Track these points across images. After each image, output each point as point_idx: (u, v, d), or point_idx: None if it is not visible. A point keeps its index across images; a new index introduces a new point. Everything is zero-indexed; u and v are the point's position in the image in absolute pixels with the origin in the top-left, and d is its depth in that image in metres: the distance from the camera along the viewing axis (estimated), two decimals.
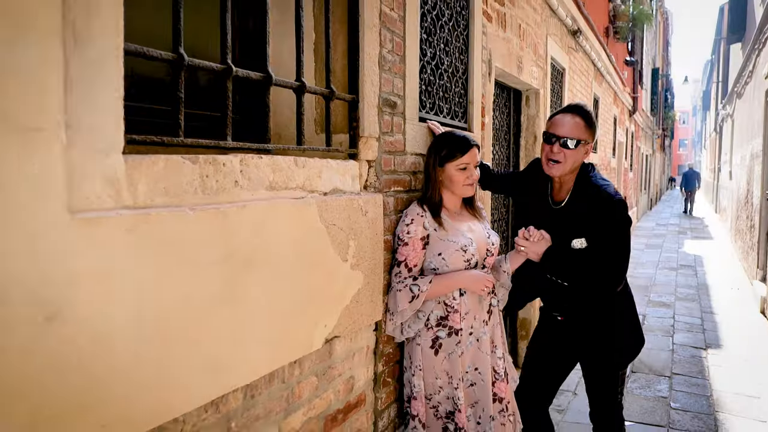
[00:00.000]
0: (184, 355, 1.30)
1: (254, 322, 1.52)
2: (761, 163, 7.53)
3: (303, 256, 1.70)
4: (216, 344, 1.40)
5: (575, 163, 2.28)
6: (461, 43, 2.99)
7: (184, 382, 1.31)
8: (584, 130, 2.27)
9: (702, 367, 4.78)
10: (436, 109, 2.73)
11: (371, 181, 2.12)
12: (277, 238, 1.59)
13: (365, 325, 2.09)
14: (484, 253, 2.32)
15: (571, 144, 2.23)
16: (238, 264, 1.45)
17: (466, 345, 2.26)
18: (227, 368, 1.44)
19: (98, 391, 1.11)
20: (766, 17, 7.18)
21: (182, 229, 1.28)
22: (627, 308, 2.36)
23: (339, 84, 2.06)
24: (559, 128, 2.26)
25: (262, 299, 1.54)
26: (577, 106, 2.32)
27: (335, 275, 1.87)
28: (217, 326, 1.40)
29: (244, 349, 1.50)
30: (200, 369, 1.35)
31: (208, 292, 1.36)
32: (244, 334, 1.49)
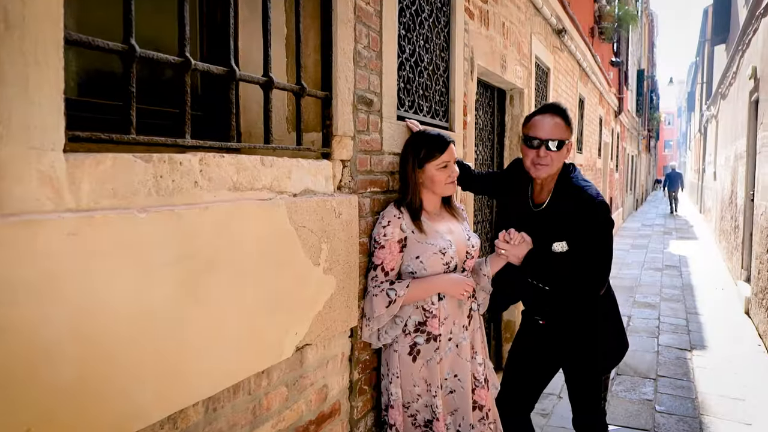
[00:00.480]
0: (137, 367, 1.21)
1: (217, 330, 1.43)
2: (745, 164, 7.54)
3: (271, 260, 1.62)
4: (173, 355, 1.31)
5: (561, 164, 2.23)
6: (442, 40, 2.92)
7: (136, 398, 1.22)
8: (565, 130, 2.22)
9: (687, 368, 4.75)
10: (416, 108, 2.65)
11: (346, 181, 2.04)
12: (242, 241, 1.50)
13: (339, 331, 2.01)
14: (464, 255, 2.25)
15: (555, 146, 2.17)
16: (197, 269, 1.36)
17: (445, 351, 2.19)
18: (186, 380, 1.35)
19: (35, 410, 1.02)
20: (750, 19, 7.20)
21: (132, 233, 1.19)
22: (610, 312, 2.30)
23: (311, 80, 1.98)
24: (540, 131, 2.20)
25: (225, 306, 1.46)
26: (553, 105, 2.27)
27: (306, 280, 1.78)
28: (175, 335, 1.31)
29: (206, 360, 1.41)
30: (155, 382, 1.26)
31: (163, 298, 1.27)
32: (206, 343, 1.40)
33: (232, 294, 1.48)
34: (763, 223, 5.72)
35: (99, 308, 1.12)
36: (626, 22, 10.18)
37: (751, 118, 7.34)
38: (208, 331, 1.41)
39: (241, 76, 1.56)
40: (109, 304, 1.15)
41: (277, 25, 2.04)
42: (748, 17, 7.26)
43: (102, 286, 1.13)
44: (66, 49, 1.07)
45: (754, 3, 6.69)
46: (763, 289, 5.55)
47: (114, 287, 1.15)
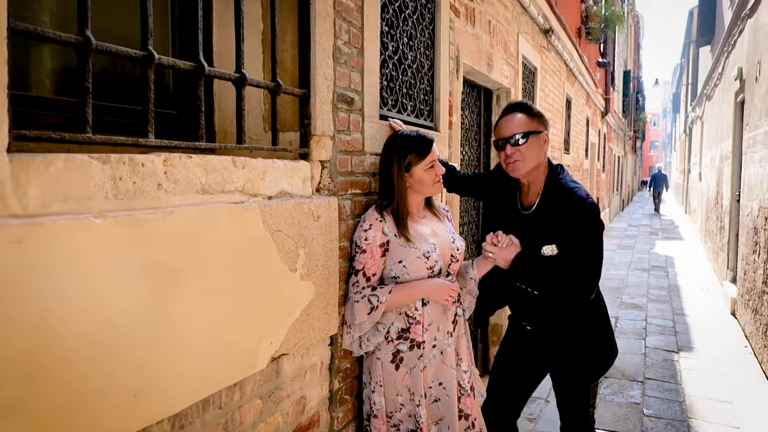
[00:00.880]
0: (93, 387, 1.12)
1: (184, 343, 1.35)
2: (731, 164, 7.55)
3: (243, 267, 1.53)
4: (135, 372, 1.22)
5: (537, 158, 2.15)
6: (427, 37, 2.84)
7: (93, 420, 1.12)
8: (529, 122, 2.16)
9: (674, 371, 4.72)
10: (399, 107, 2.57)
11: (325, 183, 1.96)
12: (212, 247, 1.41)
13: (318, 339, 1.93)
14: (449, 259, 2.17)
15: (521, 139, 2.13)
16: (162, 278, 1.27)
17: (429, 358, 2.11)
18: (149, 397, 1.26)
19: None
20: (735, 20, 7.21)
21: (88, 240, 1.09)
22: (599, 317, 2.23)
23: (289, 78, 1.89)
24: (503, 131, 2.18)
25: (194, 317, 1.37)
26: (514, 103, 2.24)
27: (282, 287, 1.70)
28: (136, 351, 1.21)
29: (172, 375, 1.32)
30: (115, 401, 1.17)
31: (123, 312, 1.18)
32: (172, 357, 1.31)
33: (201, 304, 1.39)
34: (749, 224, 5.71)
35: (50, 325, 1.03)
36: (613, 22, 10.18)
37: (737, 119, 7.35)
38: (174, 344, 1.32)
39: (210, 71, 1.47)
40: (62, 319, 1.05)
41: (253, 20, 1.95)
42: (734, 18, 7.27)
43: (53, 300, 1.04)
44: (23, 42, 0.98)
45: (740, 4, 6.69)
46: (749, 290, 5.54)
47: (66, 301, 1.06)
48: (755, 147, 5.57)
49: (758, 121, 5.47)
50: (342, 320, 2.07)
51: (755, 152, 5.55)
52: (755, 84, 5.74)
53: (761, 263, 4.99)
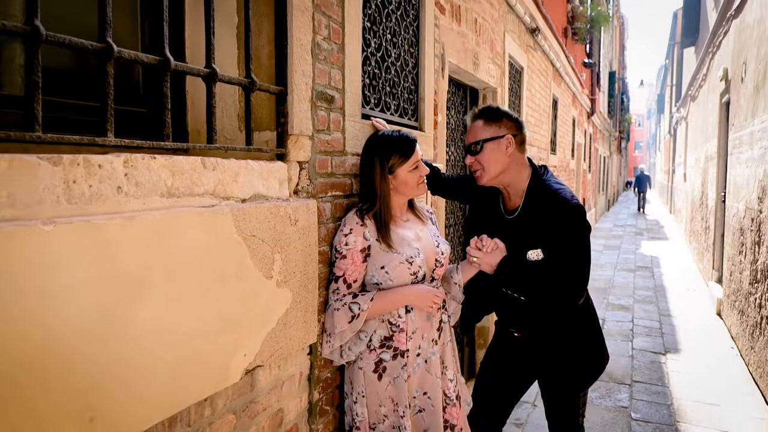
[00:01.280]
0: (40, 408, 1.02)
1: (148, 357, 1.25)
2: (716, 165, 7.56)
3: (214, 275, 1.43)
4: (90, 389, 1.12)
5: (500, 163, 2.09)
6: (411, 34, 2.76)
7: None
8: (485, 128, 2.11)
9: (662, 373, 4.68)
10: (382, 106, 2.49)
11: (303, 185, 1.87)
12: (179, 254, 1.32)
13: (296, 349, 1.84)
14: (433, 264, 2.09)
15: (477, 148, 2.09)
16: (123, 290, 1.17)
17: (413, 367, 2.03)
18: (108, 418, 1.16)
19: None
20: (720, 21, 7.21)
21: (36, 249, 1.00)
22: (589, 323, 2.16)
23: (265, 74, 1.80)
24: (467, 139, 2.16)
25: (159, 330, 1.27)
26: (474, 110, 2.21)
27: (257, 295, 1.60)
28: (93, 370, 1.12)
29: (135, 391, 1.22)
30: (64, 424, 1.07)
31: (79, 328, 1.08)
32: (134, 373, 1.22)
33: (167, 316, 1.29)
34: (735, 224, 5.70)
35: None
36: (599, 23, 10.18)
37: (722, 119, 7.36)
38: (137, 359, 1.22)
39: (177, 66, 1.37)
40: (7, 337, 0.96)
41: (228, 14, 1.86)
42: (719, 19, 7.28)
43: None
44: None
45: (725, 5, 6.69)
46: (736, 291, 5.53)
47: (11, 317, 0.96)
48: (741, 148, 5.56)
49: (744, 121, 5.46)
50: (322, 328, 1.99)
51: (741, 153, 5.54)
52: (741, 84, 5.73)
53: (747, 264, 4.97)
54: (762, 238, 4.41)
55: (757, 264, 4.55)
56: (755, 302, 4.59)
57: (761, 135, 4.62)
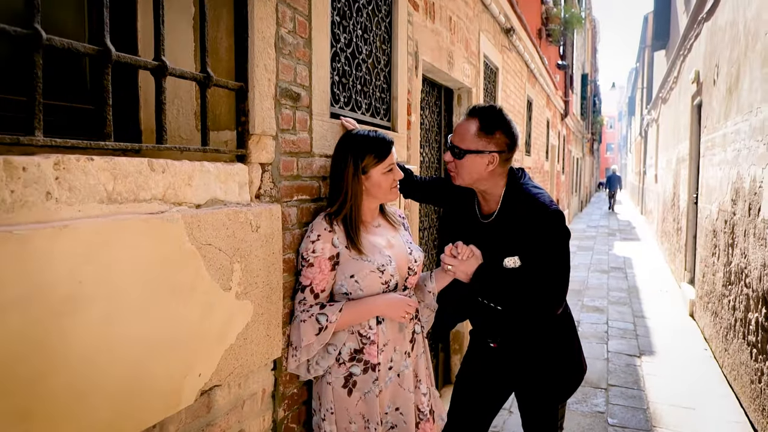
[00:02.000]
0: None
1: (84, 382, 1.11)
2: (688, 167, 7.62)
3: (164, 288, 1.30)
4: (20, 423, 0.98)
5: (475, 174, 1.95)
6: (383, 31, 2.65)
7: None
8: (476, 138, 1.92)
9: (637, 376, 4.65)
10: (353, 104, 2.37)
11: (266, 188, 1.74)
12: (121, 267, 1.18)
13: (259, 365, 1.70)
14: (405, 272, 1.98)
15: (458, 154, 1.94)
16: (53, 309, 1.03)
17: (384, 382, 1.91)
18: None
19: None
20: (692, 24, 7.27)
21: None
22: (567, 334, 2.07)
23: (224, 69, 1.67)
24: (454, 133, 1.99)
25: (96, 352, 1.14)
26: (475, 108, 1.97)
27: (213, 309, 1.47)
28: (15, 402, 0.98)
29: (68, 423, 1.08)
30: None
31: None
32: (67, 401, 1.08)
33: (106, 336, 1.16)
34: (707, 226, 5.72)
35: None
36: (572, 24, 10.21)
37: (694, 121, 7.42)
38: (69, 386, 1.08)
39: (120, 58, 1.23)
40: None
41: (185, 3, 1.72)
42: (690, 22, 7.33)
43: None
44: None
45: (696, 8, 6.73)
46: (709, 292, 5.54)
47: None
48: (714, 150, 5.57)
49: (717, 123, 5.48)
50: (288, 341, 1.86)
51: (714, 155, 5.56)
52: (713, 87, 5.76)
53: (720, 266, 4.98)
54: (735, 240, 4.41)
55: (731, 266, 4.55)
56: (729, 304, 4.58)
57: (734, 137, 4.63)
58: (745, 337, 4.00)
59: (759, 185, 3.76)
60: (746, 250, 4.06)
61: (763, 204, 3.65)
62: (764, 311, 3.55)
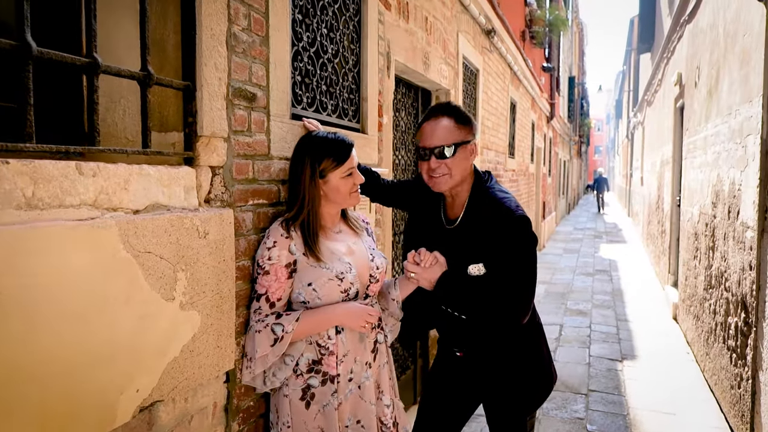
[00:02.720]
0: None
1: (3, 403, 1.03)
2: (672, 169, 7.61)
3: (93, 299, 1.22)
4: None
5: (464, 171, 1.91)
6: (351, 30, 2.58)
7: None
8: (458, 131, 1.89)
9: (618, 381, 4.60)
10: (318, 105, 2.29)
11: (217, 192, 1.66)
12: (42, 277, 1.10)
13: (209, 377, 1.63)
14: (367, 279, 1.90)
15: (449, 152, 1.86)
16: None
17: (344, 394, 1.84)
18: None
19: None
20: (675, 26, 7.27)
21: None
22: (535, 343, 2.01)
23: (172, 68, 1.59)
24: (429, 139, 1.88)
25: (17, 368, 1.05)
26: (440, 105, 1.94)
27: (153, 320, 1.39)
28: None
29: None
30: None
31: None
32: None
33: (28, 351, 1.08)
34: (689, 229, 5.70)
35: None
36: (557, 27, 10.20)
37: (677, 124, 7.41)
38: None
39: (41, 53, 1.15)
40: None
41: (131, 1, 1.64)
42: (673, 25, 7.33)
43: None
44: None
45: (679, 10, 6.73)
46: (691, 296, 5.51)
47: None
48: (695, 152, 5.55)
49: (698, 126, 5.46)
50: (242, 352, 1.78)
51: (695, 157, 5.54)
52: (695, 89, 5.74)
53: (702, 269, 4.95)
54: (716, 243, 4.38)
55: (711, 269, 4.52)
56: (710, 308, 4.55)
57: (714, 140, 4.60)
58: (725, 341, 3.97)
59: (738, 188, 3.73)
60: (726, 253, 4.03)
61: (741, 207, 3.62)
62: (743, 315, 3.51)
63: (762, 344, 3.10)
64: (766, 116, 3.18)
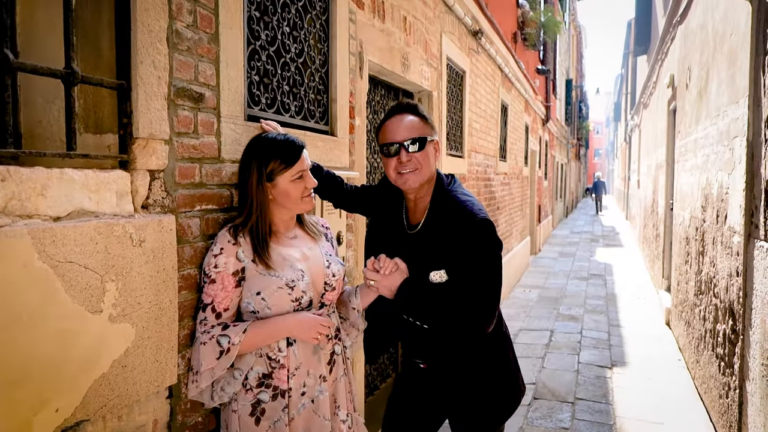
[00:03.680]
0: None
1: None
2: (665, 173, 7.52)
3: (1, 315, 1.13)
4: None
5: (431, 169, 1.85)
6: (318, 29, 2.49)
7: None
8: (422, 127, 1.85)
9: (606, 389, 4.50)
10: (279, 107, 2.21)
11: (156, 198, 1.57)
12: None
13: (148, 393, 1.53)
14: (322, 288, 1.81)
15: (420, 144, 1.81)
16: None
17: (297, 409, 1.74)
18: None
19: None
20: (668, 28, 7.18)
21: None
22: (502, 353, 1.92)
23: (107, 66, 1.51)
24: (395, 134, 1.82)
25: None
26: (401, 104, 1.89)
27: (75, 335, 1.30)
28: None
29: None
30: None
31: None
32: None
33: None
34: (681, 233, 5.60)
35: None
36: (550, 29, 10.11)
37: (670, 126, 7.32)
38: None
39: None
40: None
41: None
42: (666, 25, 7.25)
43: None
44: None
45: (672, 11, 6.65)
46: (683, 301, 5.42)
47: None
48: (686, 155, 5.46)
49: (689, 128, 5.37)
50: (188, 366, 1.69)
51: (686, 160, 5.44)
52: (686, 90, 5.65)
53: (693, 275, 4.85)
54: (705, 248, 4.28)
55: (701, 275, 4.42)
56: (700, 314, 4.45)
57: (704, 142, 4.51)
58: (714, 349, 3.87)
59: (726, 192, 3.63)
60: (714, 258, 3.93)
61: (729, 211, 3.53)
62: (730, 323, 3.41)
63: (749, 353, 3.00)
64: (752, 118, 3.09)
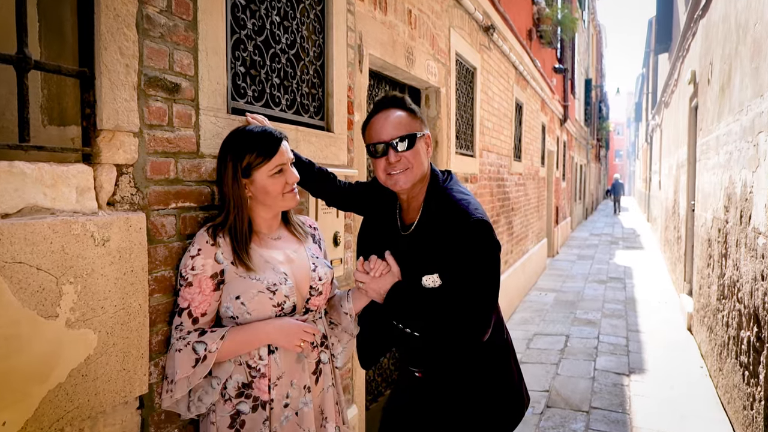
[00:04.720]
0: None
1: None
2: (686, 172, 7.28)
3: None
4: None
5: (423, 166, 1.71)
6: (312, 19, 2.38)
7: None
8: (411, 122, 1.70)
9: (623, 398, 4.31)
10: (267, 100, 2.09)
11: (124, 194, 1.46)
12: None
13: (114, 403, 1.43)
14: (307, 292, 1.69)
15: (409, 143, 1.66)
16: None
17: (279, 421, 1.62)
18: None
19: None
20: (689, 23, 6.96)
21: None
22: (502, 363, 1.78)
23: (70, 52, 1.41)
24: (383, 132, 1.68)
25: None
26: (387, 98, 1.74)
27: (25, 342, 1.20)
28: None
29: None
30: None
31: None
32: None
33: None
34: (703, 235, 5.39)
35: None
36: (566, 26, 9.90)
37: (691, 125, 7.09)
38: None
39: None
40: None
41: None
42: (687, 21, 7.02)
43: None
44: None
45: (693, 5, 6.42)
46: (705, 305, 5.20)
47: None
48: (708, 153, 5.25)
49: (711, 125, 5.16)
50: (162, 374, 1.58)
51: (708, 159, 5.23)
52: (708, 86, 5.44)
53: (715, 278, 4.64)
54: (728, 251, 4.08)
55: (724, 279, 4.22)
56: (723, 320, 4.25)
57: (726, 139, 4.31)
58: (738, 357, 3.67)
59: (750, 190, 3.44)
60: (738, 261, 3.73)
61: (753, 211, 3.33)
62: (755, 330, 3.22)
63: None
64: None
